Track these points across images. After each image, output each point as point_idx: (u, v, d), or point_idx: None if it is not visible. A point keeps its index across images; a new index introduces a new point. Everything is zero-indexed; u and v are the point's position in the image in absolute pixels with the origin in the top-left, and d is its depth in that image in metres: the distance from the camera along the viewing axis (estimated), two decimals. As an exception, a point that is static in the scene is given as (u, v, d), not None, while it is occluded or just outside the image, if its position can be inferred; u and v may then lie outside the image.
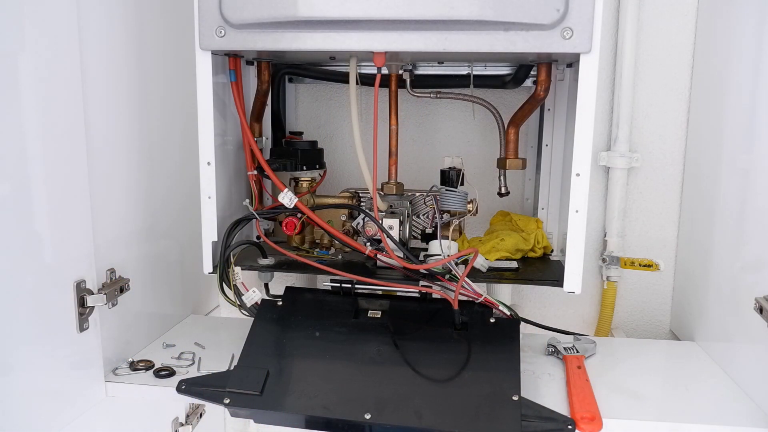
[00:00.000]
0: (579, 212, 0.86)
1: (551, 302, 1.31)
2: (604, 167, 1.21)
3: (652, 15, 1.16)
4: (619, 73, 1.16)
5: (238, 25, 0.82)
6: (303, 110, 1.29)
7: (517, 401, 0.78)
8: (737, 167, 0.95)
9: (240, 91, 0.96)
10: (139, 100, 0.95)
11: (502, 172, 1.08)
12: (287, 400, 0.80)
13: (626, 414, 0.80)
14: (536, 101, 0.99)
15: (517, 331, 0.90)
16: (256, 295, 0.97)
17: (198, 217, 0.94)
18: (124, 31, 0.91)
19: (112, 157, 0.89)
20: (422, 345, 0.89)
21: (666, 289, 1.25)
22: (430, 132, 1.27)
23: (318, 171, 1.08)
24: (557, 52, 0.80)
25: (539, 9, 0.77)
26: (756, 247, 0.88)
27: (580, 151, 0.84)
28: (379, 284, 0.94)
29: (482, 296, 0.91)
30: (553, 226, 1.15)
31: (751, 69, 0.91)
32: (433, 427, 0.75)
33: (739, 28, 0.97)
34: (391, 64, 0.98)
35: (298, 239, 1.08)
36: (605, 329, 1.25)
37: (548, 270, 1.05)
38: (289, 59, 1.10)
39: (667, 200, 1.21)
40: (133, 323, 0.96)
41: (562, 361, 0.95)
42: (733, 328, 0.94)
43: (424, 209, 1.06)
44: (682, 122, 1.18)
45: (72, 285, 0.80)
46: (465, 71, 1.10)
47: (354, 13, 0.79)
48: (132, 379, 0.89)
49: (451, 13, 0.78)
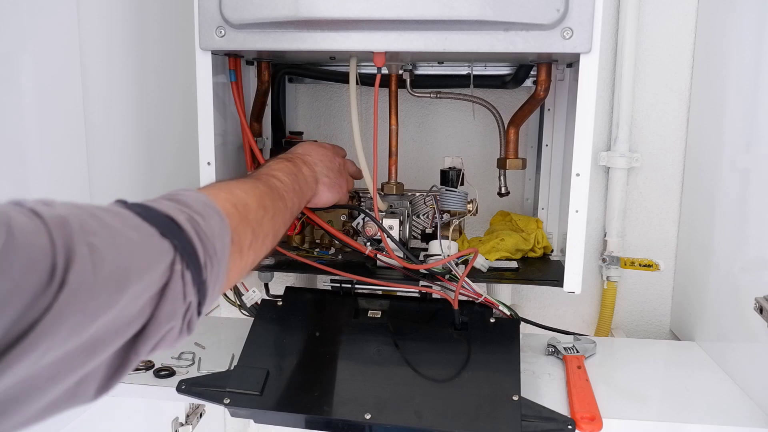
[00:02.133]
0: (579, 212, 0.86)
1: (551, 302, 1.31)
2: (604, 167, 1.21)
3: (652, 15, 1.16)
4: (619, 73, 1.16)
5: (238, 25, 0.82)
6: (303, 110, 1.29)
7: (517, 401, 0.78)
8: (737, 167, 0.95)
9: (240, 91, 0.96)
10: (139, 100, 0.95)
11: (502, 172, 1.08)
12: (287, 400, 0.80)
13: (626, 414, 0.80)
14: (536, 101, 0.99)
15: (517, 331, 0.90)
16: (256, 295, 0.97)
17: (198, 217, 0.94)
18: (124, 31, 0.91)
19: (112, 157, 0.89)
20: (422, 345, 0.89)
21: (666, 289, 1.25)
22: (430, 132, 1.27)
23: (318, 171, 1.08)
24: (557, 52, 0.80)
25: (539, 9, 0.77)
26: (756, 247, 0.88)
27: (580, 151, 0.84)
28: (379, 284, 0.94)
29: (482, 296, 0.91)
30: (553, 226, 1.15)
31: (752, 69, 0.91)
32: (433, 427, 0.75)
33: (740, 28, 0.97)
34: (391, 64, 0.98)
35: (298, 239, 1.07)
36: (605, 329, 1.25)
37: (548, 270, 1.05)
38: (289, 59, 1.10)
39: (667, 200, 1.21)
40: (133, 323, 0.96)
41: (562, 361, 0.95)
42: (733, 328, 0.94)
43: (424, 209, 1.06)
44: (682, 122, 1.18)
45: (72, 285, 0.80)
46: (465, 71, 1.10)
47: (354, 13, 0.79)
48: (132, 378, 0.89)
49: (451, 13, 0.78)
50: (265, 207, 0.64)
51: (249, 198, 0.62)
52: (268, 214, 0.64)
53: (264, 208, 0.64)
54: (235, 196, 0.60)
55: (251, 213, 0.61)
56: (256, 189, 0.65)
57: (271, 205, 0.66)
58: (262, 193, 0.66)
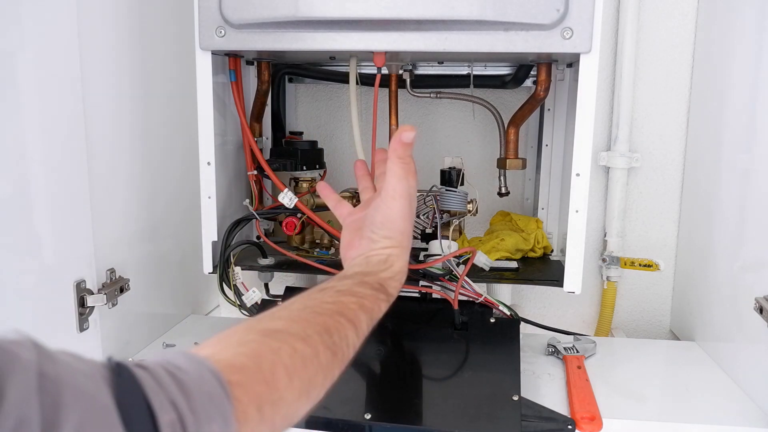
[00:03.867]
0: (579, 212, 0.86)
1: (551, 302, 1.31)
2: (604, 167, 1.21)
3: (652, 15, 1.16)
4: (619, 73, 1.16)
5: (238, 25, 0.82)
6: (303, 110, 1.29)
7: (517, 401, 0.78)
8: (737, 167, 0.95)
9: (240, 91, 0.96)
10: (139, 100, 0.95)
11: (502, 172, 1.08)
12: (287, 400, 0.80)
13: (626, 414, 0.80)
14: (536, 101, 0.99)
15: (517, 331, 0.90)
16: (256, 295, 0.97)
17: (198, 217, 0.94)
18: (124, 30, 0.91)
19: (112, 157, 0.89)
20: (422, 345, 0.89)
21: (666, 289, 1.25)
22: (430, 132, 1.27)
23: (318, 171, 1.08)
24: (557, 52, 0.80)
25: (539, 9, 0.77)
26: (756, 247, 0.88)
27: (580, 151, 0.84)
28: (379, 284, 0.94)
29: (482, 296, 0.91)
30: (553, 226, 1.15)
31: (752, 69, 0.91)
32: (433, 427, 0.75)
33: (739, 28, 0.97)
34: (391, 64, 0.98)
35: (298, 239, 1.07)
36: (605, 329, 1.25)
37: (548, 270, 1.05)
38: (289, 59, 1.10)
39: (667, 200, 1.21)
40: (133, 323, 0.96)
41: (562, 361, 0.95)
42: (733, 328, 0.94)
43: (424, 209, 1.06)
44: (682, 122, 1.18)
45: (72, 285, 0.80)
46: (465, 71, 1.10)
47: (354, 13, 0.79)
48: (132, 379, 0.89)
49: (451, 13, 0.78)
50: (315, 384, 0.48)
51: (295, 380, 0.44)
52: (315, 389, 0.49)
53: (312, 385, 0.48)
54: (272, 380, 0.42)
55: (285, 404, 0.44)
56: (315, 361, 0.47)
57: (326, 378, 0.50)
58: (320, 366, 0.48)
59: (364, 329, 0.55)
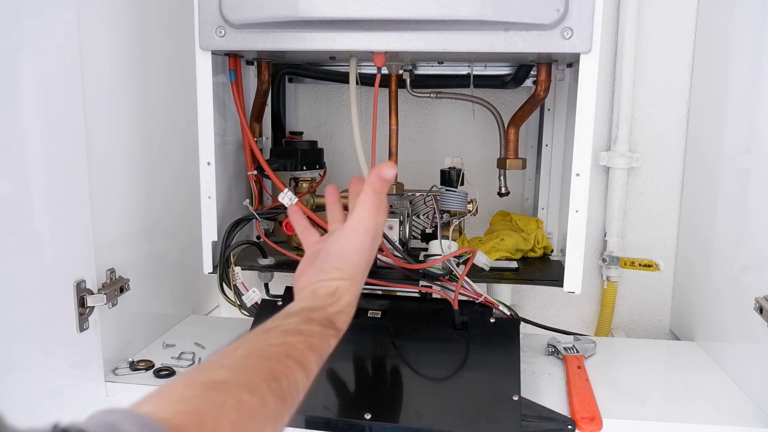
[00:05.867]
0: (579, 212, 0.86)
1: (551, 302, 1.31)
2: (604, 167, 1.21)
3: (652, 15, 1.16)
4: (619, 73, 1.16)
5: (238, 25, 0.82)
6: (303, 110, 1.29)
7: (517, 401, 0.78)
8: (737, 167, 0.95)
9: (240, 91, 0.96)
10: (139, 100, 0.95)
11: (502, 172, 1.08)
12: (287, 400, 0.80)
13: (626, 414, 0.80)
14: (536, 101, 0.99)
15: (517, 331, 0.90)
16: (256, 295, 0.97)
17: (198, 217, 0.94)
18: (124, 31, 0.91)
19: (112, 157, 0.89)
20: (422, 345, 0.89)
21: (666, 289, 1.25)
22: (430, 132, 1.27)
23: (318, 171, 1.08)
24: (557, 52, 0.80)
25: (539, 9, 0.77)
26: (756, 247, 0.88)
27: (580, 151, 0.84)
28: (378, 284, 0.94)
29: (482, 296, 0.91)
30: (553, 226, 1.15)
31: (752, 69, 0.91)
32: (433, 427, 0.75)
33: (740, 27, 0.97)
34: (391, 64, 0.98)
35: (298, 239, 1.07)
36: (605, 329, 1.25)
37: (548, 270, 1.05)
38: (289, 59, 1.10)
39: (667, 200, 1.21)
40: (133, 323, 0.96)
41: (562, 361, 0.95)
42: (733, 328, 0.94)
43: (424, 209, 1.06)
44: (682, 122, 1.18)
45: (72, 285, 0.80)
46: (465, 71, 1.10)
47: (354, 13, 0.79)
48: (132, 379, 0.89)
49: (451, 13, 0.78)
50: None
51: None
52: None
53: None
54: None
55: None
56: (264, 411, 0.44)
57: (276, 426, 0.46)
58: (268, 416, 0.44)
59: (314, 369, 0.52)
